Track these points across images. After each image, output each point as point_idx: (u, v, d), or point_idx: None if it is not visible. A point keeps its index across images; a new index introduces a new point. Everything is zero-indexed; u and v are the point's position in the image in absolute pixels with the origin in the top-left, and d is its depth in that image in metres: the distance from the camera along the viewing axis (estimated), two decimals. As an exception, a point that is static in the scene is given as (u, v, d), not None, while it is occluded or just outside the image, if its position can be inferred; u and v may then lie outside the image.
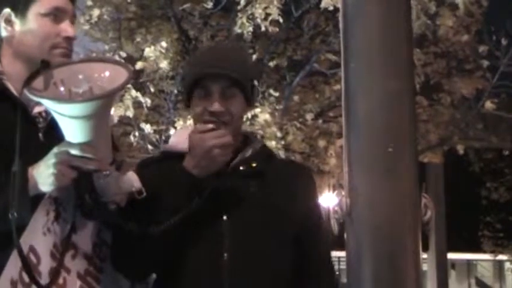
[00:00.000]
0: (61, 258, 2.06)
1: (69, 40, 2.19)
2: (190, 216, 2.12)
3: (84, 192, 2.03)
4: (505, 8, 12.02)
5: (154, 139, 10.50)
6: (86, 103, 1.96)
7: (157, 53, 10.21)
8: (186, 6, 10.78)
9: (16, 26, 2.18)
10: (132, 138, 10.52)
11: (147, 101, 10.38)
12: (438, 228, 18.02)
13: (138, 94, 10.26)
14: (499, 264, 27.53)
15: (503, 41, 11.67)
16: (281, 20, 10.18)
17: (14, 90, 2.14)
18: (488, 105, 11.95)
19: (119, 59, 8.58)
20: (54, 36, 2.16)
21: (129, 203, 2.15)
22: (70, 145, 1.98)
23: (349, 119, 2.31)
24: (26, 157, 2.04)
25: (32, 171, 2.02)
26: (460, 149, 12.81)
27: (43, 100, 1.99)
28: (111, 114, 2.16)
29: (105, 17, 10.82)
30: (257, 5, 9.96)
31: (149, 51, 10.25)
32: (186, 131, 2.35)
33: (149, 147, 10.46)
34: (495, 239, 23.72)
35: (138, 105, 10.39)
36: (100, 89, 2.00)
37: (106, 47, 11.02)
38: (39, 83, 2.03)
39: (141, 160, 2.47)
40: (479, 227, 23.94)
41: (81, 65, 2.11)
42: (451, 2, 10.75)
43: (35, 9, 2.16)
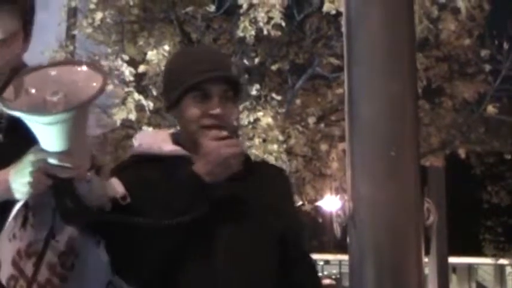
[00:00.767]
0: (22, 266, 2.00)
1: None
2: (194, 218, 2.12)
3: (63, 197, 1.97)
4: (507, 12, 12.03)
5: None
6: (62, 114, 1.88)
7: (159, 56, 10.21)
8: (189, 9, 10.79)
9: None
10: (134, 141, 10.50)
11: (150, 104, 10.38)
12: (439, 232, 17.99)
13: (141, 97, 10.27)
14: (500, 268, 27.49)
15: (505, 45, 11.69)
16: (283, 24, 10.19)
17: None
18: (490, 109, 11.96)
19: (92, 62, 8.48)
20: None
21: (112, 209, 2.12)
22: (46, 153, 1.91)
23: (352, 123, 2.32)
24: None
25: (5, 176, 1.96)
26: (462, 153, 12.82)
27: (17, 112, 1.90)
28: (88, 120, 2.12)
29: (108, 20, 10.83)
30: (259, 9, 9.97)
31: (152, 54, 10.25)
32: (158, 134, 2.34)
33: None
34: (496, 243, 23.69)
35: (141, 108, 10.40)
36: (75, 96, 1.92)
37: (109, 50, 11.03)
38: (10, 93, 1.93)
39: (114, 167, 2.41)
40: (480, 231, 23.90)
41: (52, 70, 2.02)
42: (453, 6, 10.76)
43: None
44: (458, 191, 21.40)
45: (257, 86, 10.60)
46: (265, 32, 10.10)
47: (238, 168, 2.18)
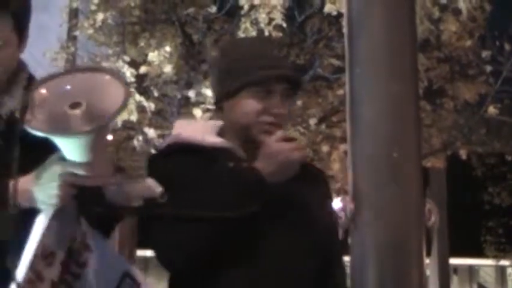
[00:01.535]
0: (38, 267, 1.99)
1: None
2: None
3: (91, 204, 1.97)
4: (508, 13, 12.02)
5: (157, 143, 10.51)
6: (88, 134, 1.85)
7: (161, 58, 10.21)
8: (190, 10, 10.79)
9: None
10: (136, 142, 10.52)
11: (151, 106, 10.37)
12: (440, 233, 17.97)
13: (142, 98, 10.26)
14: (502, 269, 27.45)
15: (506, 46, 11.68)
16: (284, 25, 10.19)
17: None
18: (491, 110, 11.95)
19: (111, 69, 8.41)
20: None
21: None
22: (71, 164, 1.91)
23: (353, 124, 2.31)
24: None
25: (27, 185, 1.94)
26: (463, 154, 12.81)
27: (39, 133, 1.86)
28: (109, 128, 2.09)
29: (109, 21, 10.83)
30: (261, 10, 9.97)
31: (153, 55, 10.25)
32: (199, 124, 2.32)
33: (152, 151, 10.45)
34: (497, 244, 23.66)
35: (142, 109, 10.39)
36: (97, 107, 1.88)
37: (110, 51, 11.03)
38: (32, 114, 1.90)
39: (153, 155, 2.38)
40: (481, 232, 23.88)
41: (68, 78, 1.97)
42: (455, 7, 10.76)
43: None
44: (459, 192, 21.37)
45: (258, 87, 10.57)
46: (266, 33, 10.09)
47: (297, 171, 2.17)
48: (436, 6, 10.50)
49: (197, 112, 9.90)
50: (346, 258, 2.33)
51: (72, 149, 1.89)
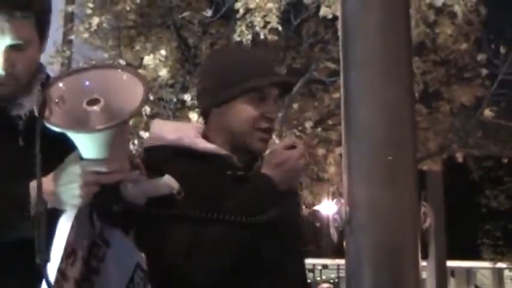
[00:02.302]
0: (62, 266, 2.03)
1: None
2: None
3: (108, 202, 1.96)
4: (504, 16, 12.04)
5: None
6: (108, 131, 1.83)
7: (156, 61, 10.22)
8: (186, 14, 10.80)
9: None
10: (132, 146, 10.52)
11: (147, 109, 10.37)
12: (438, 236, 18.00)
13: (138, 102, 10.25)
14: (499, 272, 27.49)
15: (502, 49, 11.70)
16: (280, 28, 10.20)
17: None
18: (487, 113, 11.98)
19: (128, 66, 8.46)
20: None
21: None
22: (92, 163, 1.89)
23: (348, 127, 2.31)
24: (2, 161, 2.00)
25: (49, 187, 1.92)
26: (460, 157, 12.84)
27: (58, 129, 1.85)
28: (129, 125, 2.07)
29: (104, 25, 10.84)
30: (256, 13, 9.98)
31: (148, 59, 10.26)
32: (184, 127, 2.32)
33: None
34: (494, 247, 23.69)
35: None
36: (116, 103, 1.87)
37: (106, 55, 11.03)
38: (50, 110, 1.89)
39: (153, 160, 2.31)
40: (478, 235, 23.91)
41: (86, 74, 1.96)
42: (450, 11, 10.78)
43: None
44: (456, 195, 21.40)
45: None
46: (262, 37, 10.10)
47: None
48: (432, 9, 10.51)
49: (193, 116, 9.90)
50: (341, 261, 2.33)
51: (90, 146, 1.87)
